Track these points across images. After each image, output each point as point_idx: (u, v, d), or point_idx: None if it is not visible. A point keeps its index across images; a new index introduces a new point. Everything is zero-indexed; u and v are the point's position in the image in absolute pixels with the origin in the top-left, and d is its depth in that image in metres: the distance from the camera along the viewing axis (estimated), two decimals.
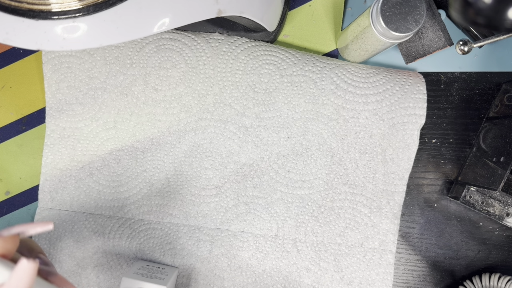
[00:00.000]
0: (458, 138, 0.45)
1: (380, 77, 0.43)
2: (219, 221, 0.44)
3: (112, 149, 0.44)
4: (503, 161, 0.38)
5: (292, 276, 0.44)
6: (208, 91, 0.43)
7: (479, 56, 0.45)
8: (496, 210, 0.42)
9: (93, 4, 0.24)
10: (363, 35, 0.37)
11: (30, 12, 0.24)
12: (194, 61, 0.43)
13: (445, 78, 0.45)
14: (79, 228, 0.44)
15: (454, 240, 0.45)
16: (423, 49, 0.41)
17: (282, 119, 0.43)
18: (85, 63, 0.43)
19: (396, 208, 0.43)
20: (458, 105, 0.45)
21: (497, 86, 0.45)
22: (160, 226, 0.44)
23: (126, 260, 0.44)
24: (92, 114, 0.44)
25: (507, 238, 0.45)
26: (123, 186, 0.44)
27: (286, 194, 0.43)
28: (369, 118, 0.42)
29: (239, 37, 0.43)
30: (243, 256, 0.44)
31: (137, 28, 0.25)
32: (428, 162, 0.45)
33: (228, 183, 0.44)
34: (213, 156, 0.43)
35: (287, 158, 0.43)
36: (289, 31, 0.46)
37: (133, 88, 0.43)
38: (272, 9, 0.38)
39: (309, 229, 0.44)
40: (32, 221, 0.46)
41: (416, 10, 0.33)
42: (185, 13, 0.27)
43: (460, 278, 0.45)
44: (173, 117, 0.43)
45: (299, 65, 0.43)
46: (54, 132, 0.44)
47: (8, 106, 0.46)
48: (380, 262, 0.43)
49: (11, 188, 0.46)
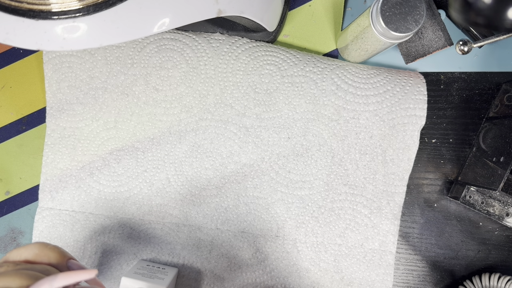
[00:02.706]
0: (458, 138, 0.45)
1: (380, 78, 0.43)
2: (219, 221, 0.44)
3: (112, 149, 0.44)
4: (503, 161, 0.38)
5: (292, 277, 0.44)
6: (209, 91, 0.43)
7: (479, 56, 0.45)
8: (496, 210, 0.42)
9: (93, 4, 0.24)
10: (363, 35, 0.37)
11: (30, 12, 0.24)
12: (195, 61, 0.43)
13: (445, 78, 0.45)
14: (79, 228, 0.44)
15: (454, 240, 0.45)
16: (423, 49, 0.41)
17: (283, 120, 0.43)
18: (86, 63, 0.43)
19: (396, 209, 0.43)
20: (458, 105, 0.45)
21: (497, 86, 0.45)
22: (160, 226, 0.44)
23: (126, 260, 0.44)
24: (92, 114, 0.44)
25: (507, 238, 0.45)
26: (123, 186, 0.44)
27: (286, 195, 0.43)
28: (369, 119, 0.42)
29: (240, 38, 0.44)
30: (243, 256, 0.44)
31: (137, 28, 0.25)
32: (428, 162, 0.45)
33: (228, 184, 0.44)
34: (213, 157, 0.43)
35: (287, 159, 0.43)
36: (289, 31, 0.46)
37: (134, 88, 0.43)
38: (272, 9, 0.38)
39: (309, 229, 0.44)
40: (32, 220, 0.46)
41: (416, 10, 0.33)
42: (185, 13, 0.27)
43: (460, 278, 0.45)
44: (173, 117, 0.43)
45: (300, 66, 0.43)
46: (55, 131, 0.44)
47: (8, 106, 0.46)
48: (380, 263, 0.43)
49: (11, 188, 0.46)
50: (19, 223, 0.46)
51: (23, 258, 0.24)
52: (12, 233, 0.46)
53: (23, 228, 0.46)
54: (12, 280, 0.21)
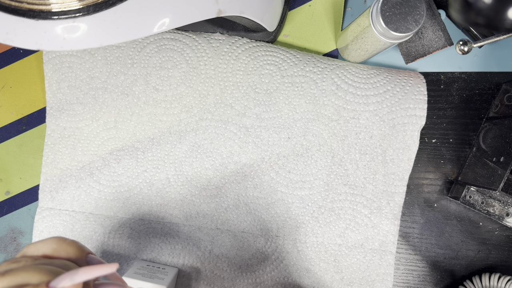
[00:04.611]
0: (458, 138, 0.45)
1: (380, 78, 0.43)
2: (220, 221, 0.44)
3: (112, 149, 0.44)
4: (503, 161, 0.38)
5: (292, 277, 0.44)
6: (209, 91, 0.43)
7: (479, 56, 0.45)
8: (496, 210, 0.42)
9: (93, 4, 0.24)
10: (363, 35, 0.37)
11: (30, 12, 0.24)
12: (195, 61, 0.43)
13: (445, 78, 0.45)
14: (79, 228, 0.44)
15: (454, 240, 0.45)
16: (423, 49, 0.41)
17: (283, 120, 0.43)
18: (86, 63, 0.43)
19: (396, 209, 0.43)
20: (458, 105, 0.45)
21: (497, 86, 0.45)
22: (160, 226, 0.44)
23: (126, 260, 0.44)
24: (92, 114, 0.44)
25: (507, 238, 0.45)
26: (123, 186, 0.44)
27: (287, 195, 0.43)
28: (369, 119, 0.42)
29: (240, 38, 0.44)
30: (243, 256, 0.44)
31: (137, 28, 0.25)
32: (428, 162, 0.45)
33: (228, 184, 0.44)
34: (213, 157, 0.43)
35: (287, 159, 0.43)
36: (289, 31, 0.46)
37: (134, 88, 0.43)
38: (272, 9, 0.38)
39: (309, 229, 0.44)
40: (32, 220, 0.46)
41: (416, 10, 0.33)
42: (185, 13, 0.27)
43: (460, 278, 0.45)
44: (173, 117, 0.43)
45: (300, 66, 0.43)
46: (55, 131, 0.44)
47: (8, 106, 0.46)
48: (380, 263, 0.43)
49: (11, 188, 0.46)
50: (19, 223, 0.46)
51: (41, 252, 0.23)
52: (12, 233, 0.46)
53: (23, 228, 0.46)
54: (31, 276, 0.20)
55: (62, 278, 0.20)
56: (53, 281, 0.20)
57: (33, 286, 0.20)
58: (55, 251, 0.23)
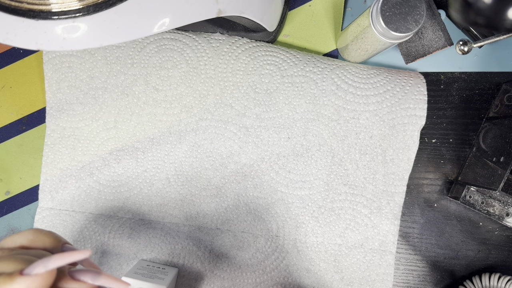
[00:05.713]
0: (458, 138, 0.45)
1: (380, 78, 0.43)
2: (220, 221, 0.44)
3: (112, 149, 0.44)
4: (503, 161, 0.38)
5: (292, 277, 0.44)
6: (209, 91, 0.43)
7: (479, 56, 0.45)
8: (496, 210, 0.42)
9: (93, 4, 0.24)
10: (363, 35, 0.37)
11: (30, 12, 0.24)
12: (195, 61, 0.43)
13: (445, 78, 0.45)
14: (79, 228, 0.44)
15: (454, 240, 0.45)
16: (423, 49, 0.41)
17: (283, 120, 0.43)
18: (86, 63, 0.43)
19: (396, 209, 0.43)
20: (458, 105, 0.45)
21: (497, 86, 0.45)
22: (160, 226, 0.44)
23: (126, 260, 0.44)
24: (92, 114, 0.44)
25: (507, 238, 0.45)
26: (123, 186, 0.44)
27: (287, 195, 0.43)
28: (369, 119, 0.42)
29: (240, 38, 0.43)
30: (243, 256, 0.44)
31: (137, 28, 0.25)
32: (428, 162, 0.45)
33: (228, 184, 0.44)
34: (213, 157, 0.43)
35: (287, 159, 0.43)
36: (289, 31, 0.46)
37: (134, 88, 0.43)
38: (272, 9, 0.38)
39: (309, 229, 0.44)
40: (32, 220, 0.46)
41: (416, 10, 0.33)
42: (185, 13, 0.27)
43: (460, 278, 0.45)
44: (173, 117, 0.43)
45: (300, 66, 0.43)
46: (55, 131, 0.44)
47: (8, 106, 0.46)
48: (380, 263, 0.43)
49: (11, 188, 0.46)
50: (19, 223, 0.46)
51: (17, 244, 0.23)
52: (12, 233, 0.46)
53: (23, 228, 0.46)
54: (7, 265, 0.21)
55: (36, 265, 0.21)
56: (27, 268, 0.20)
57: (7, 274, 0.20)
58: (31, 242, 0.24)
